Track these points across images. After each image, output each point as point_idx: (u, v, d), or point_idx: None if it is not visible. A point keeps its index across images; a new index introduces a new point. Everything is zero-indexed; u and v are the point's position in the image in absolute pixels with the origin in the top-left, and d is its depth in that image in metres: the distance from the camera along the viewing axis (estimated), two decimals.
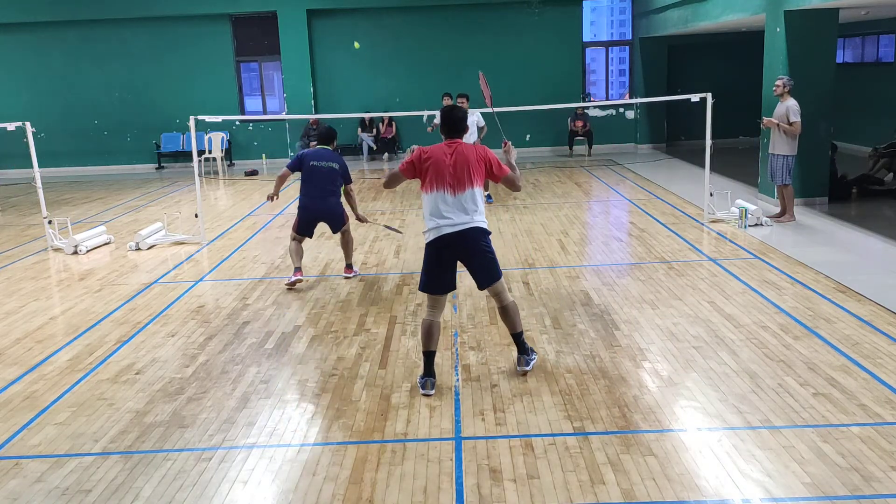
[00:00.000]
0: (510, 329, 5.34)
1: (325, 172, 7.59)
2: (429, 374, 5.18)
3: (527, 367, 5.33)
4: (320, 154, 7.66)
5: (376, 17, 17.82)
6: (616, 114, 18.75)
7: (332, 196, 7.70)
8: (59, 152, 17.79)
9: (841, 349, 5.56)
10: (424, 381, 5.16)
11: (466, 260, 5.14)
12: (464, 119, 5.23)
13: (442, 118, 5.25)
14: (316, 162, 7.60)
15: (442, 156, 5.04)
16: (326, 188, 7.63)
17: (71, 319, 7.06)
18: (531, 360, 5.38)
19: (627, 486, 3.91)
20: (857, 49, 16.80)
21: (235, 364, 5.79)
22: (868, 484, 3.84)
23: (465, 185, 5.00)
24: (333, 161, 7.66)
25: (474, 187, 5.03)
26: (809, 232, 9.30)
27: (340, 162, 7.73)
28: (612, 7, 26.13)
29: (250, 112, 18.87)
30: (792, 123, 9.33)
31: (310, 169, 7.60)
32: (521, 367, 5.33)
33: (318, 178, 7.59)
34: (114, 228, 11.04)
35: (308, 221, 7.79)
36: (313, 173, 7.60)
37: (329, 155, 7.69)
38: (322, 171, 7.58)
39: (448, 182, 5.00)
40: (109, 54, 17.97)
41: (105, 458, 4.43)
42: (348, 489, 4.00)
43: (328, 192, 7.64)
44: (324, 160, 7.62)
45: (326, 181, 7.61)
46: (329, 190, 7.65)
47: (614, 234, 9.79)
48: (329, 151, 7.73)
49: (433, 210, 5.03)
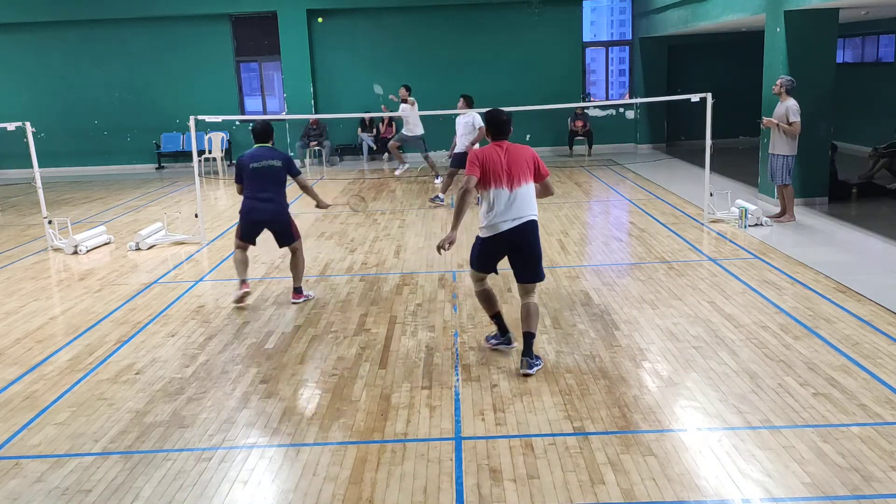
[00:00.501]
0: (526, 328, 5.41)
1: (266, 172, 6.98)
2: (505, 331, 5.73)
3: (529, 370, 5.32)
4: (257, 154, 7.04)
5: (376, 17, 17.82)
6: (616, 114, 18.75)
7: (277, 198, 7.05)
8: (59, 152, 17.78)
9: (841, 349, 5.56)
10: (508, 337, 5.72)
11: (517, 253, 5.41)
12: (509, 121, 5.45)
13: (487, 121, 5.52)
14: (255, 163, 6.98)
15: (495, 155, 5.31)
16: (269, 189, 6.99)
17: (71, 319, 7.06)
18: (535, 365, 5.38)
19: (627, 486, 3.91)
20: (857, 49, 16.79)
21: (235, 364, 5.79)
22: (868, 484, 3.84)
23: (521, 180, 5.29)
24: (273, 158, 7.03)
25: (528, 183, 5.33)
26: (809, 232, 9.30)
27: (282, 157, 7.09)
28: (612, 7, 26.11)
29: (250, 112, 18.87)
30: (791, 123, 9.33)
31: (250, 172, 7.00)
32: (524, 368, 5.33)
33: (260, 180, 6.98)
34: (114, 228, 11.04)
35: (251, 226, 7.14)
36: (254, 176, 6.99)
37: (266, 153, 7.06)
38: (262, 172, 6.98)
39: (504, 179, 5.26)
40: (109, 54, 17.96)
41: (105, 458, 4.43)
42: (348, 489, 4.00)
43: (272, 193, 7.01)
44: (262, 159, 7.00)
45: (268, 181, 6.98)
46: (273, 191, 7.01)
47: (614, 234, 9.79)
48: (267, 149, 7.12)
49: (491, 206, 5.29)
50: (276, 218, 7.08)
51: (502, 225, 5.27)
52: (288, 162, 7.11)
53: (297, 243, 7.24)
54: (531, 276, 5.43)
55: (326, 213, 11.73)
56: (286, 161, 7.09)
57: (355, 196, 7.67)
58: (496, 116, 5.45)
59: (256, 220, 7.10)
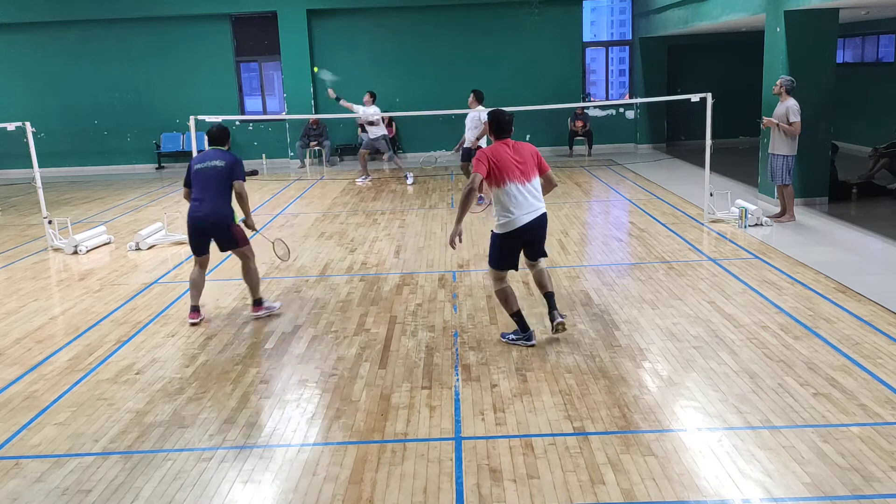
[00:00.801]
0: (544, 290, 5.95)
1: (209, 174, 6.51)
2: (525, 328, 5.85)
3: (562, 318, 5.84)
4: (205, 155, 6.63)
5: (376, 17, 17.82)
6: (616, 114, 18.74)
7: (218, 200, 6.51)
8: (59, 152, 17.78)
9: (841, 349, 5.56)
10: (528, 334, 5.83)
11: (533, 240, 5.75)
12: (511, 121, 5.75)
13: (490, 121, 5.78)
14: (200, 164, 6.56)
15: (504, 152, 5.59)
16: (207, 189, 6.50)
17: (71, 319, 7.06)
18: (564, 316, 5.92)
19: (627, 486, 3.91)
20: (857, 49, 16.79)
21: (235, 364, 5.79)
22: (868, 484, 3.84)
23: (531, 174, 5.63)
24: (218, 159, 6.54)
25: (536, 177, 5.67)
26: (809, 232, 9.30)
27: (228, 159, 6.55)
28: (612, 7, 26.11)
29: (250, 112, 18.87)
30: (791, 123, 9.33)
31: (194, 174, 6.56)
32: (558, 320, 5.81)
33: (201, 181, 6.52)
34: (114, 228, 11.04)
35: (193, 234, 6.63)
36: (196, 177, 6.55)
37: (213, 154, 6.61)
38: (204, 173, 6.52)
39: (518, 174, 5.56)
40: (109, 54, 17.95)
41: (105, 458, 4.43)
42: (348, 489, 4.00)
43: (211, 193, 6.50)
44: (207, 160, 6.56)
45: (209, 183, 6.50)
46: (212, 191, 6.50)
47: (614, 234, 9.79)
48: (215, 151, 6.65)
49: (508, 201, 5.55)
50: (212, 218, 6.52)
51: (522, 219, 5.56)
52: (232, 165, 6.55)
53: (245, 251, 6.74)
54: (539, 254, 5.91)
55: (326, 213, 11.74)
56: (231, 163, 6.55)
57: (281, 241, 7.41)
58: (499, 116, 5.72)
59: (197, 227, 6.58)
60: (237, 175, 6.54)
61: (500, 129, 5.70)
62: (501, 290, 5.84)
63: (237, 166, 6.57)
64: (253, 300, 6.83)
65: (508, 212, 5.57)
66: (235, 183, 6.53)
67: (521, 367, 5.47)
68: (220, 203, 6.53)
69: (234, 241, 6.67)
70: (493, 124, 5.73)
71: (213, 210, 6.50)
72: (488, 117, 5.86)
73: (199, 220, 6.53)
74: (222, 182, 6.51)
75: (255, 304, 6.82)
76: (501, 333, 6.09)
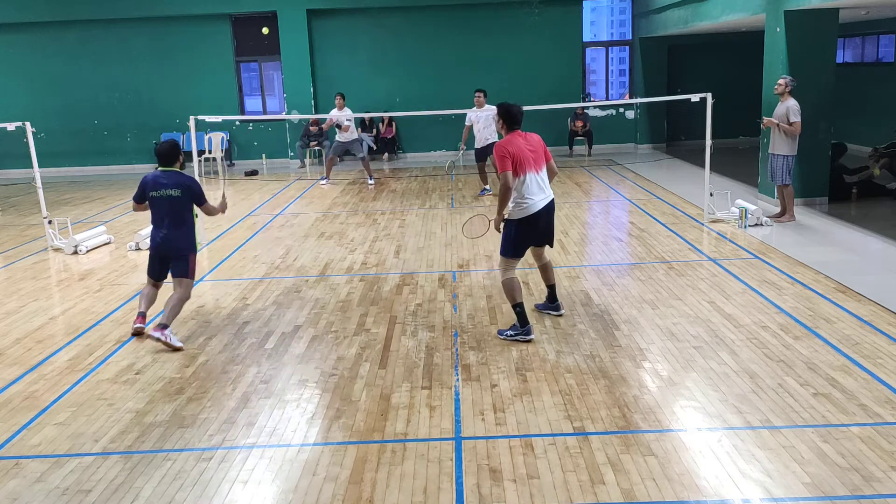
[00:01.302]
0: (548, 281, 6.47)
1: (165, 203, 6.28)
2: (525, 322, 6.00)
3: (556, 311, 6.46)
4: (158, 181, 6.29)
5: (376, 17, 17.81)
6: (616, 114, 18.74)
7: (180, 229, 6.36)
8: (59, 152, 17.77)
9: (841, 349, 5.56)
10: (528, 328, 5.98)
11: (547, 226, 6.08)
12: (521, 112, 5.97)
13: (502, 113, 5.97)
14: (154, 192, 6.29)
15: (520, 143, 5.87)
16: (169, 219, 6.32)
17: (71, 319, 7.06)
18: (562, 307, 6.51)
19: (627, 486, 3.91)
20: (857, 49, 16.79)
21: (235, 364, 5.79)
22: (868, 484, 3.84)
23: (542, 162, 5.97)
24: (173, 187, 6.27)
25: (545, 163, 6.01)
26: (809, 232, 9.30)
27: (185, 185, 6.31)
28: (612, 7, 26.12)
29: (250, 112, 18.87)
30: (792, 123, 9.33)
31: (151, 200, 6.36)
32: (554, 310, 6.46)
33: (159, 209, 6.33)
34: (114, 228, 11.04)
35: (154, 258, 6.48)
36: (154, 204, 6.34)
37: (166, 180, 6.29)
38: (161, 202, 6.29)
39: (532, 164, 5.87)
40: (109, 54, 17.95)
41: (105, 458, 4.43)
42: (348, 489, 4.00)
43: (174, 223, 6.33)
44: (161, 188, 6.27)
45: (168, 211, 6.30)
46: (176, 221, 6.33)
47: (614, 234, 9.79)
48: (168, 174, 6.33)
49: (525, 189, 5.84)
50: (174, 250, 6.38)
51: (538, 203, 5.88)
52: (192, 191, 6.36)
53: (189, 282, 6.47)
54: (550, 241, 6.24)
55: (326, 213, 11.74)
56: (189, 190, 6.33)
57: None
58: (510, 108, 5.94)
59: (156, 252, 6.45)
60: (201, 200, 6.44)
61: (513, 120, 5.92)
62: (510, 280, 5.99)
63: (194, 190, 6.37)
64: (161, 322, 6.18)
65: (525, 199, 5.84)
66: (204, 208, 6.50)
67: (521, 367, 5.47)
68: (183, 232, 6.38)
69: (185, 271, 6.42)
70: (505, 116, 5.93)
71: (175, 239, 6.36)
72: (500, 109, 5.99)
73: (162, 248, 6.40)
74: (181, 211, 6.35)
75: (161, 326, 6.15)
76: (498, 331, 6.14)
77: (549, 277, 6.45)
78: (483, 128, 12.46)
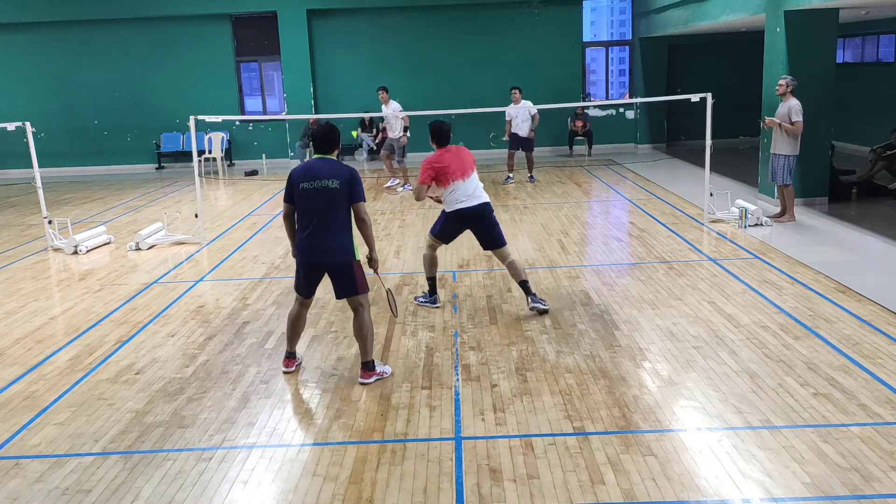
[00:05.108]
0: (517, 278, 6.67)
1: (320, 197, 5.09)
2: (434, 292, 6.94)
3: (541, 304, 6.57)
4: (314, 169, 5.15)
5: (376, 17, 17.81)
6: (616, 114, 18.74)
7: (337, 231, 5.16)
8: (59, 152, 17.77)
9: (841, 349, 5.56)
10: (434, 297, 6.91)
11: (479, 227, 6.67)
12: (450, 130, 6.63)
13: (433, 133, 6.57)
14: (306, 183, 5.11)
15: (447, 159, 6.52)
16: (324, 218, 5.13)
17: (71, 319, 7.06)
18: (542, 301, 6.62)
19: (627, 486, 3.91)
20: (857, 49, 16.79)
21: (235, 364, 5.79)
22: (868, 484, 3.84)
23: (469, 171, 6.58)
24: (331, 177, 5.09)
25: (474, 172, 6.66)
26: (809, 232, 9.30)
27: (345, 175, 5.13)
28: (612, 7, 26.07)
29: (250, 112, 18.87)
30: (794, 123, 9.33)
31: (300, 194, 5.15)
32: (536, 304, 6.55)
33: (307, 207, 5.13)
34: (114, 228, 11.04)
35: (305, 272, 5.36)
36: (303, 199, 5.14)
37: (325, 168, 5.14)
38: (313, 197, 5.11)
39: (460, 174, 6.52)
40: (109, 54, 17.95)
41: (105, 458, 4.43)
42: (348, 489, 4.00)
43: (329, 224, 5.14)
44: (316, 178, 5.10)
45: (321, 210, 5.11)
46: (330, 220, 5.13)
47: (614, 234, 9.79)
48: (326, 162, 5.19)
49: (454, 195, 6.55)
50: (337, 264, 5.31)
51: (468, 203, 6.54)
52: (352, 184, 5.16)
53: (361, 298, 5.40)
54: (497, 243, 6.68)
55: None
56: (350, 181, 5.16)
57: None
58: (441, 127, 6.56)
59: (309, 263, 5.34)
60: (358, 196, 5.19)
61: (443, 139, 6.56)
62: (431, 255, 6.87)
63: (357, 186, 5.17)
64: (365, 362, 5.38)
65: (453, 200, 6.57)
66: (356, 206, 5.19)
67: (521, 367, 5.47)
68: (344, 236, 5.21)
69: (355, 286, 5.31)
70: (435, 135, 6.55)
71: (331, 246, 5.19)
72: (430, 130, 6.59)
73: (314, 257, 5.27)
74: (338, 209, 5.15)
75: (367, 366, 5.37)
76: (414, 297, 7.09)
77: (517, 275, 6.65)
78: (521, 122, 13.62)
